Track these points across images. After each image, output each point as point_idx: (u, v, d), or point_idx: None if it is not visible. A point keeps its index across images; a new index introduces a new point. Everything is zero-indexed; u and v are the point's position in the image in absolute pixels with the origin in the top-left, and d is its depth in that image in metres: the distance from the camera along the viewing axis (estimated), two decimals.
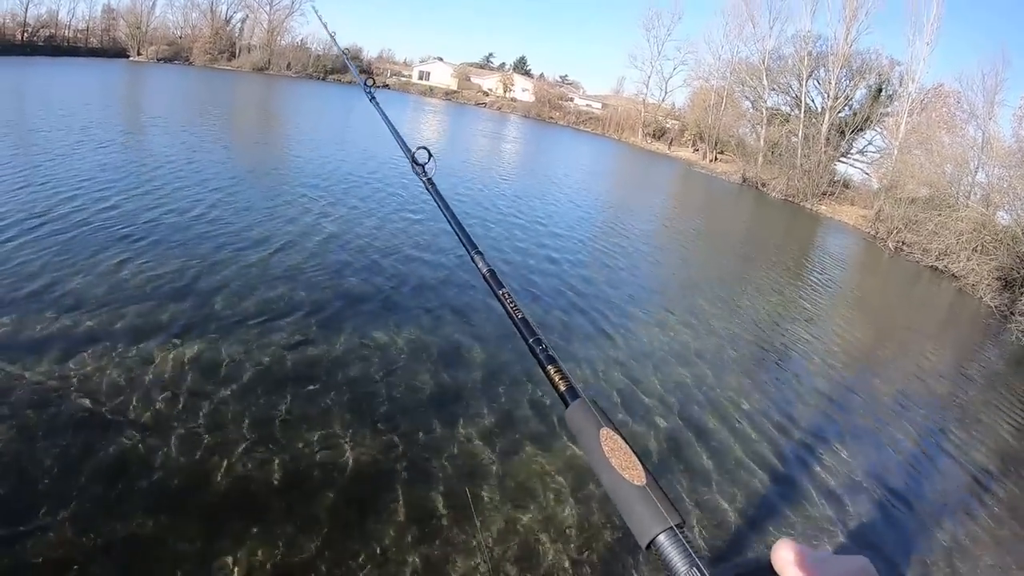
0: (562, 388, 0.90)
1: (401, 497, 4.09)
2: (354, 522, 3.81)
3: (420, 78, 67.64)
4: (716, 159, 45.95)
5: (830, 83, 38.14)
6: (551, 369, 0.94)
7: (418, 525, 3.88)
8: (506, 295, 1.13)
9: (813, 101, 39.97)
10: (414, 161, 1.75)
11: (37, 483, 3.62)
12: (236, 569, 3.34)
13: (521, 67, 79.61)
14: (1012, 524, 5.94)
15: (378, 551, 3.63)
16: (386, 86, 58.96)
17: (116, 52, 45.59)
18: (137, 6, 48.27)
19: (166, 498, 3.70)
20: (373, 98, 2.71)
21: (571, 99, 68.23)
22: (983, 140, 26.24)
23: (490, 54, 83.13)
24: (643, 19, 64.01)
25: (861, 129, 38.61)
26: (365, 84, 2.83)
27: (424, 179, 1.72)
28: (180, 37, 51.96)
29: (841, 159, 38.84)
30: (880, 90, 37.75)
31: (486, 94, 66.65)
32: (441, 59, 71.32)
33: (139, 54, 46.78)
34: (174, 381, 4.83)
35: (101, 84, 27.58)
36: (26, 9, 39.21)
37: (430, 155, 1.75)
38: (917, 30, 33.58)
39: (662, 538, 0.64)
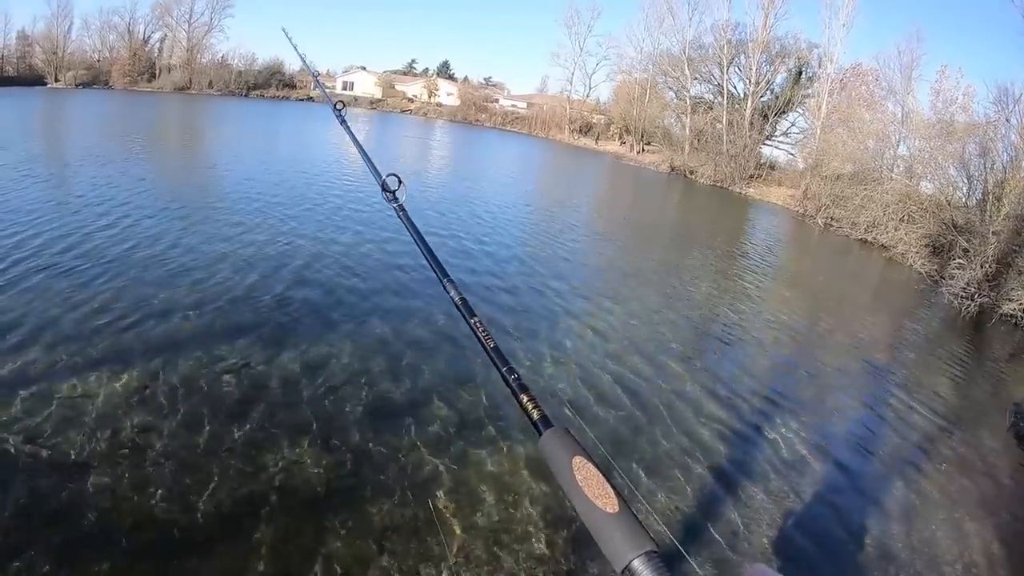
0: (535, 416, 0.91)
1: (363, 512, 3.96)
2: (316, 541, 3.67)
3: (344, 88, 65.28)
4: (643, 150, 45.72)
5: (751, 69, 38.49)
6: (524, 398, 0.95)
7: (381, 539, 3.78)
8: (478, 324, 1.13)
9: (735, 88, 40.32)
10: (384, 188, 1.73)
11: None
12: None
13: (445, 71, 77.85)
14: (961, 479, 6.05)
15: (340, 569, 3.51)
16: (310, 99, 56.89)
17: (33, 79, 43.01)
18: (52, 30, 45.60)
19: (120, 538, 3.50)
20: (344, 121, 2.84)
21: (496, 100, 67.23)
22: (903, 114, 26.83)
23: (413, 60, 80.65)
24: (563, 17, 63.59)
25: (784, 112, 39.35)
26: (335, 107, 2.90)
27: (395, 206, 1.70)
28: (98, 60, 49.26)
29: (766, 142, 39.34)
30: (800, 73, 38.53)
31: (411, 100, 64.96)
32: (364, 68, 69.27)
33: (57, 80, 44.02)
34: (127, 416, 4.57)
35: (20, 115, 26.00)
36: None
37: (400, 181, 1.72)
38: (833, 12, 34.46)
39: (636, 563, 0.69)
